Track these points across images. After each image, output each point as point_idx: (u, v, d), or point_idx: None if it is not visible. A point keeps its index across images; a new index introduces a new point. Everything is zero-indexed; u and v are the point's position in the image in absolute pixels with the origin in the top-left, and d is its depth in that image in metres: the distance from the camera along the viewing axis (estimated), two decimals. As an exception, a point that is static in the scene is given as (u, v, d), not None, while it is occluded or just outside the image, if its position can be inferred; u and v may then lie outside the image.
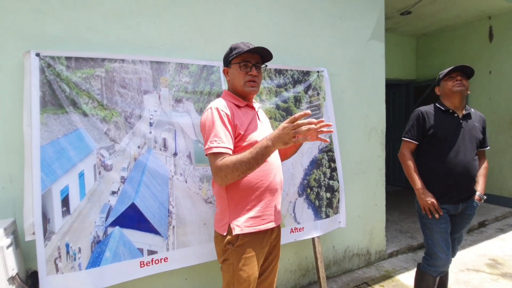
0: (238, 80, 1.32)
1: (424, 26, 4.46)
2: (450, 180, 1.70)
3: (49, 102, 1.46)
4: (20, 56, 1.48)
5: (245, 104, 1.35)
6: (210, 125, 1.22)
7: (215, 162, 1.19)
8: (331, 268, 2.55)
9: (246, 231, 1.28)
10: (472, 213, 1.79)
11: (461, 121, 1.74)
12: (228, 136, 1.22)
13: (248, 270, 1.29)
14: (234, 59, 1.32)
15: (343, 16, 2.49)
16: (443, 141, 1.72)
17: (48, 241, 1.40)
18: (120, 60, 1.62)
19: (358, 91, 2.60)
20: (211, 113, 1.24)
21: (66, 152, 1.47)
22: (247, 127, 1.29)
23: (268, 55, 1.34)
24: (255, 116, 1.38)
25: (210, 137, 1.21)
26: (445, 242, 1.72)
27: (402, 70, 5.01)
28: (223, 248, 1.32)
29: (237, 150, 1.26)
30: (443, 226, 1.72)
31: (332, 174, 2.26)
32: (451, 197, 1.72)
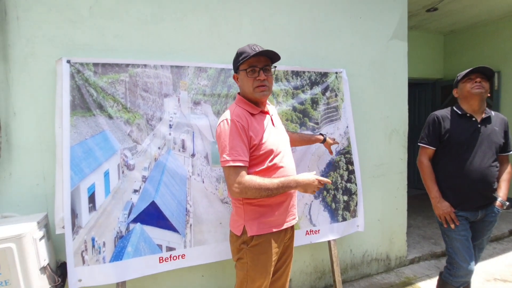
0: (247, 86, 1.31)
1: (452, 23, 4.24)
2: (466, 187, 1.65)
3: (78, 106, 1.57)
4: (53, 63, 1.61)
5: (258, 111, 1.35)
6: (226, 137, 1.23)
7: (235, 176, 1.21)
8: (348, 272, 2.51)
9: (261, 232, 1.31)
10: (494, 219, 1.72)
11: (479, 126, 1.66)
12: (244, 149, 1.24)
13: (261, 269, 1.33)
14: (241, 65, 1.30)
15: (364, 16, 2.44)
16: (459, 147, 1.67)
17: (76, 235, 1.51)
18: (142, 65, 1.70)
19: (378, 92, 2.54)
20: (228, 124, 1.25)
21: (93, 152, 1.57)
22: (262, 136, 1.30)
23: (276, 56, 1.32)
24: (269, 122, 1.38)
25: (227, 149, 1.23)
26: (467, 250, 1.65)
27: (428, 68, 4.79)
28: (237, 248, 1.36)
29: (253, 160, 1.28)
30: (462, 234, 1.66)
31: (349, 177, 2.23)
32: (469, 205, 1.67)
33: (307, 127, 2.10)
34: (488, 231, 1.74)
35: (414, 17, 3.89)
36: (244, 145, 1.24)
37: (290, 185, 1.26)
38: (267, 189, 1.22)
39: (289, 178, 1.27)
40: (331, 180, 2.14)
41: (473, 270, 1.68)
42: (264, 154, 1.29)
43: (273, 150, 1.31)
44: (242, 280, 1.37)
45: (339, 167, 2.19)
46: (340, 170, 2.20)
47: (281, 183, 1.24)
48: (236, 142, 1.23)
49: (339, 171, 2.19)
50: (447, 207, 1.67)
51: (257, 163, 1.30)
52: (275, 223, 1.35)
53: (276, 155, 1.33)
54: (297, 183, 1.27)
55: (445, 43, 4.85)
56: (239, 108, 1.32)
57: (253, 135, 1.28)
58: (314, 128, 2.12)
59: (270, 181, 1.23)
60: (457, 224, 1.66)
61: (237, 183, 1.21)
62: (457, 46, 4.69)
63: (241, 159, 1.22)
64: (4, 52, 1.56)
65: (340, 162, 2.20)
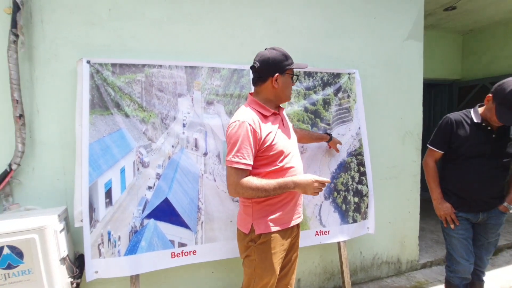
0: (288, 90, 1.39)
1: (471, 22, 4.11)
2: (469, 194, 1.66)
3: (97, 104, 1.63)
4: (74, 63, 1.68)
5: (271, 113, 1.38)
6: (236, 139, 1.26)
7: (235, 177, 1.26)
8: (357, 274, 2.50)
9: (269, 230, 1.35)
10: (498, 223, 1.70)
11: (493, 136, 1.60)
12: (249, 153, 1.26)
13: (269, 266, 1.35)
14: (290, 69, 1.37)
15: (378, 16, 2.41)
16: (468, 155, 1.64)
17: (93, 228, 1.57)
18: (158, 66, 1.75)
19: (392, 93, 2.50)
20: (239, 127, 1.26)
21: (110, 150, 1.63)
22: (274, 138, 1.33)
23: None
24: (280, 123, 1.42)
25: (234, 150, 1.26)
26: (465, 248, 1.69)
27: (446, 69, 4.66)
28: (245, 245, 1.39)
29: (264, 159, 1.32)
30: (461, 233, 1.70)
31: (361, 179, 2.22)
32: (470, 208, 1.68)
33: (319, 128, 2.10)
34: (493, 233, 1.72)
35: (431, 16, 3.80)
36: (251, 149, 1.26)
37: (288, 186, 1.28)
38: (264, 190, 1.26)
39: (287, 179, 1.29)
40: (342, 181, 2.14)
41: (471, 268, 1.71)
42: (275, 155, 1.32)
43: (283, 151, 1.34)
44: (249, 278, 1.40)
45: (350, 168, 2.18)
46: (351, 171, 2.19)
47: (278, 184, 1.27)
48: (244, 145, 1.25)
49: (350, 173, 2.18)
50: (448, 208, 1.70)
51: (268, 163, 1.33)
52: (282, 221, 1.38)
53: (286, 155, 1.36)
54: (295, 184, 1.29)
55: (464, 43, 4.70)
56: (252, 110, 1.34)
57: (265, 137, 1.30)
58: (326, 129, 2.12)
59: (267, 182, 1.26)
60: (457, 224, 1.69)
61: (235, 184, 1.26)
62: (476, 46, 4.54)
63: (244, 163, 1.25)
64: (29, 53, 1.64)
65: (351, 163, 2.19)
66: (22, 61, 1.62)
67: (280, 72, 1.34)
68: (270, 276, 1.37)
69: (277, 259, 1.37)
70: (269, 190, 1.26)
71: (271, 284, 1.39)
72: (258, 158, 1.32)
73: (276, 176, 1.32)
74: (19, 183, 1.64)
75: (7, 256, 1.23)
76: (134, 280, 1.64)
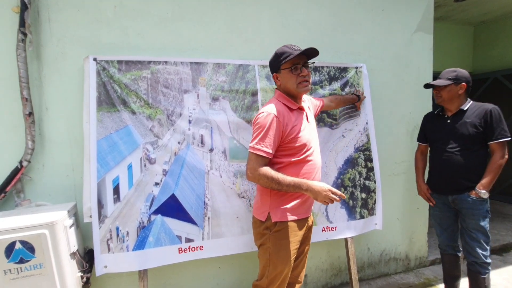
0: (291, 83, 1.40)
1: (483, 13, 3.99)
2: (436, 174, 1.94)
3: (103, 102, 1.65)
4: (80, 61, 1.69)
5: (297, 107, 1.45)
6: (262, 128, 1.34)
7: (255, 162, 1.34)
8: (365, 270, 2.48)
9: (284, 219, 1.40)
10: (471, 207, 1.78)
11: (448, 121, 1.87)
12: (272, 143, 1.34)
13: (283, 255, 1.39)
14: (283, 64, 1.39)
15: (386, 8, 2.36)
16: (433, 141, 1.96)
17: (102, 224, 1.60)
18: (163, 62, 1.75)
19: (400, 87, 2.46)
20: (268, 117, 1.34)
21: (117, 146, 1.65)
22: (299, 130, 1.40)
23: (314, 52, 1.39)
24: (305, 118, 1.47)
25: (258, 138, 1.34)
26: (438, 226, 2.02)
27: (456, 62, 4.54)
28: (260, 233, 1.44)
29: (289, 150, 1.39)
30: (435, 214, 2.00)
31: (368, 174, 2.19)
32: (438, 188, 1.94)
33: (325, 123, 2.08)
34: (470, 219, 1.80)
35: (440, 8, 3.70)
36: (274, 140, 1.34)
37: (301, 187, 1.33)
38: (278, 183, 1.32)
39: (302, 180, 1.35)
40: (349, 177, 2.12)
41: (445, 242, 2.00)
42: (299, 147, 1.39)
43: (306, 145, 1.41)
44: (264, 266, 1.44)
45: (357, 164, 2.16)
46: (359, 167, 2.16)
47: (293, 182, 1.33)
48: (268, 135, 1.33)
49: (357, 168, 2.16)
50: (423, 188, 2.02)
51: (292, 153, 1.40)
52: (298, 212, 1.43)
53: (309, 149, 1.43)
54: (308, 187, 1.33)
55: (475, 35, 4.57)
56: (280, 103, 1.42)
57: (290, 129, 1.37)
58: (332, 124, 2.10)
59: (283, 177, 1.32)
60: (434, 203, 1.97)
61: (253, 169, 1.34)
62: (487, 37, 4.41)
63: (265, 151, 1.33)
64: (37, 51, 1.66)
65: (358, 159, 2.16)
66: (30, 60, 1.64)
67: (275, 71, 1.46)
68: (284, 265, 1.40)
69: (292, 249, 1.41)
70: (283, 185, 1.32)
71: (285, 274, 1.42)
72: (282, 148, 1.39)
73: (297, 167, 1.40)
74: (30, 180, 1.67)
75: (19, 250, 1.26)
76: (142, 275, 1.66)
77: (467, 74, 1.82)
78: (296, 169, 1.41)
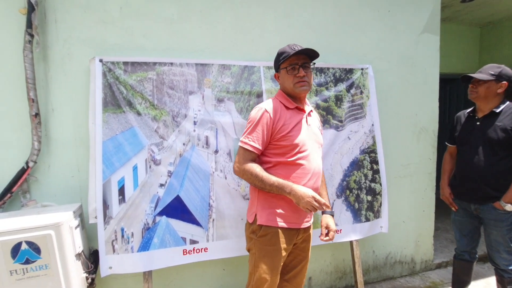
0: (288, 83, 1.39)
1: (490, 14, 3.95)
2: (459, 179, 1.84)
3: (109, 103, 1.65)
4: (86, 62, 1.70)
5: (294, 107, 1.41)
6: (252, 122, 1.35)
7: (241, 156, 1.34)
8: (370, 273, 2.46)
9: (270, 223, 1.34)
10: (495, 218, 1.70)
11: (477, 124, 1.75)
12: (260, 138, 1.33)
13: (268, 263, 1.33)
14: (282, 63, 1.39)
15: (392, 9, 2.34)
16: (460, 145, 1.86)
17: (107, 224, 1.60)
18: (169, 64, 1.75)
19: (407, 89, 2.43)
20: (259, 112, 1.35)
21: (123, 147, 1.65)
22: (292, 129, 1.35)
23: (314, 53, 1.37)
24: (303, 120, 1.41)
25: (246, 132, 1.35)
26: (457, 232, 1.96)
27: (462, 63, 4.50)
28: (248, 236, 1.41)
29: (278, 148, 1.35)
30: (456, 219, 1.94)
31: (374, 177, 2.17)
32: (461, 194, 1.86)
33: (331, 124, 2.06)
34: (492, 229, 1.73)
35: (447, 9, 3.66)
36: (263, 135, 1.32)
37: (284, 189, 1.28)
38: (261, 181, 1.29)
39: (287, 182, 1.29)
40: (354, 179, 2.10)
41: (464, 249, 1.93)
42: (289, 146, 1.33)
43: (298, 145, 1.35)
44: (250, 272, 1.40)
45: (363, 166, 2.14)
46: (364, 169, 2.14)
47: (277, 182, 1.28)
48: (257, 129, 1.32)
49: (363, 170, 2.14)
50: (446, 192, 1.95)
51: (282, 153, 1.35)
52: (285, 219, 1.36)
53: (301, 151, 1.36)
54: (292, 191, 1.27)
55: (481, 36, 4.52)
56: (276, 100, 1.41)
57: (283, 124, 1.34)
58: (338, 126, 2.08)
59: (267, 176, 1.29)
60: (456, 208, 1.91)
61: (239, 163, 1.34)
62: (494, 38, 4.36)
63: (252, 145, 1.32)
64: (44, 52, 1.67)
65: (364, 161, 2.14)
66: (37, 61, 1.64)
67: (276, 71, 1.48)
68: (269, 274, 1.33)
69: (278, 257, 1.33)
70: (266, 184, 1.28)
71: (269, 283, 1.34)
72: (272, 146, 1.36)
73: (286, 169, 1.34)
74: (36, 180, 1.68)
75: (25, 251, 1.26)
76: (147, 276, 1.66)
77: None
78: (286, 171, 1.34)
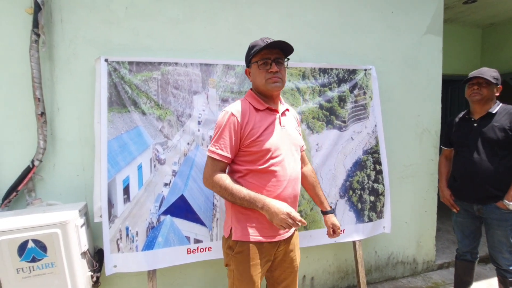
0: (260, 79, 1.25)
1: (492, 15, 3.96)
2: (460, 180, 1.86)
3: (114, 102, 1.66)
4: (92, 62, 1.70)
5: (265, 108, 1.27)
6: (218, 129, 1.23)
7: (210, 167, 1.22)
8: (372, 273, 2.46)
9: (245, 239, 1.22)
10: (498, 218, 1.72)
11: (475, 125, 1.80)
12: (227, 144, 1.20)
13: (247, 279, 1.23)
14: (253, 57, 1.25)
15: (395, 10, 2.35)
16: (458, 146, 1.89)
17: (112, 223, 1.60)
18: (174, 64, 1.76)
19: (409, 90, 2.44)
20: (225, 116, 1.23)
21: (128, 147, 1.65)
22: (262, 133, 1.22)
23: (289, 48, 1.24)
24: (276, 121, 1.28)
25: (213, 140, 1.23)
26: (459, 232, 1.97)
27: (463, 64, 4.51)
28: (225, 251, 1.30)
29: (248, 155, 1.22)
30: (458, 220, 1.95)
31: (377, 177, 2.18)
32: (462, 196, 1.87)
33: (334, 125, 2.07)
34: (496, 230, 1.74)
35: (449, 10, 3.68)
36: (231, 142, 1.20)
37: (256, 204, 1.16)
38: (231, 194, 1.17)
39: (260, 196, 1.17)
40: (357, 180, 2.11)
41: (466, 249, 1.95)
42: (260, 152, 1.21)
43: (269, 150, 1.21)
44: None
45: (366, 166, 2.15)
46: (367, 169, 2.15)
47: (249, 196, 1.16)
48: (223, 136, 1.21)
49: (366, 171, 2.15)
50: (446, 194, 1.97)
51: (252, 160, 1.23)
52: (262, 233, 1.24)
53: (274, 157, 1.23)
54: (264, 206, 1.15)
55: (483, 37, 4.53)
56: (244, 102, 1.28)
57: (252, 129, 1.21)
58: (341, 126, 2.09)
59: (238, 189, 1.17)
60: (457, 209, 1.92)
61: (207, 174, 1.22)
62: (496, 40, 4.38)
63: (220, 154, 1.20)
64: (50, 52, 1.68)
65: (367, 161, 2.15)
66: (43, 60, 1.65)
67: (247, 66, 1.35)
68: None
69: (256, 272, 1.23)
70: (236, 197, 1.17)
71: None
72: (242, 153, 1.24)
73: (259, 178, 1.22)
74: (41, 179, 1.69)
75: (31, 249, 1.27)
76: (151, 275, 1.66)
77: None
78: (258, 180, 1.21)
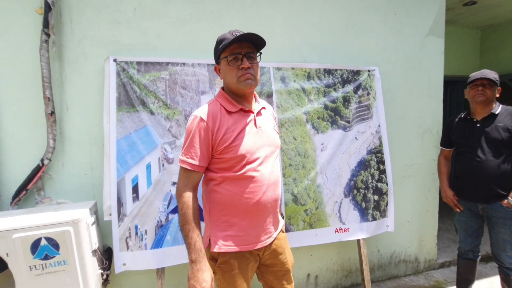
0: (230, 77, 1.12)
1: (491, 17, 4.01)
2: (464, 180, 1.86)
3: (123, 102, 1.67)
4: (101, 62, 1.72)
5: (238, 109, 1.15)
6: (187, 136, 1.11)
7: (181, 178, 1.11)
8: (375, 272, 2.49)
9: (224, 249, 1.13)
10: (503, 216, 1.73)
11: (478, 125, 1.81)
12: (198, 151, 1.09)
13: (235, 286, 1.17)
14: (221, 53, 1.12)
15: (398, 12, 2.39)
16: (460, 146, 1.89)
17: (121, 222, 1.62)
18: (181, 64, 1.78)
19: (412, 90, 2.48)
20: (194, 121, 1.11)
21: (136, 146, 1.67)
22: (236, 138, 1.11)
23: (261, 42, 1.12)
24: (251, 123, 1.16)
25: (184, 148, 1.11)
26: (462, 231, 1.97)
27: (463, 65, 4.56)
28: (209, 261, 1.15)
29: (223, 162, 1.12)
30: (461, 219, 1.95)
31: (380, 176, 2.21)
32: (467, 195, 1.87)
33: (339, 125, 2.10)
34: (500, 228, 1.76)
35: (449, 12, 3.72)
36: (201, 149, 1.09)
37: (189, 253, 1.06)
38: (182, 222, 1.08)
39: (197, 250, 1.05)
40: (361, 179, 2.13)
41: (468, 248, 1.97)
42: (235, 158, 1.10)
43: (245, 156, 1.11)
44: None
45: (370, 166, 2.18)
46: (371, 169, 2.18)
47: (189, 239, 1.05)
48: (194, 143, 1.09)
49: (370, 170, 2.17)
50: (449, 194, 1.96)
51: (228, 167, 1.12)
52: (243, 242, 1.15)
53: (250, 161, 1.12)
54: (193, 264, 1.04)
55: (482, 39, 4.59)
56: (215, 103, 1.15)
57: (223, 135, 1.10)
58: (346, 126, 2.12)
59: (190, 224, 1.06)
60: (461, 209, 1.91)
61: (178, 187, 1.11)
62: (495, 41, 4.43)
63: (191, 164, 1.09)
64: (59, 52, 1.69)
65: (371, 161, 2.18)
66: (52, 60, 1.67)
67: (216, 62, 1.20)
68: None
69: (244, 277, 1.17)
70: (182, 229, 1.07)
71: None
72: (215, 160, 1.12)
73: (235, 185, 1.11)
74: (50, 178, 1.70)
75: (44, 247, 1.28)
76: (160, 273, 1.68)
77: None
78: (235, 187, 1.11)
